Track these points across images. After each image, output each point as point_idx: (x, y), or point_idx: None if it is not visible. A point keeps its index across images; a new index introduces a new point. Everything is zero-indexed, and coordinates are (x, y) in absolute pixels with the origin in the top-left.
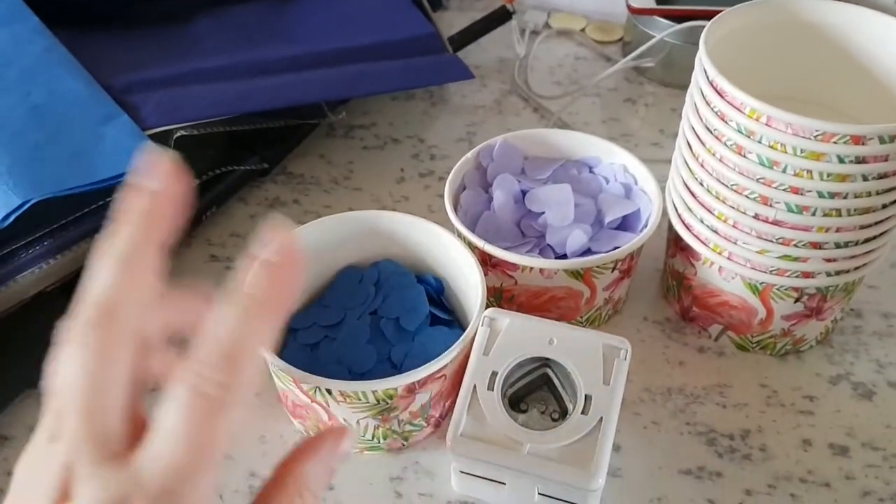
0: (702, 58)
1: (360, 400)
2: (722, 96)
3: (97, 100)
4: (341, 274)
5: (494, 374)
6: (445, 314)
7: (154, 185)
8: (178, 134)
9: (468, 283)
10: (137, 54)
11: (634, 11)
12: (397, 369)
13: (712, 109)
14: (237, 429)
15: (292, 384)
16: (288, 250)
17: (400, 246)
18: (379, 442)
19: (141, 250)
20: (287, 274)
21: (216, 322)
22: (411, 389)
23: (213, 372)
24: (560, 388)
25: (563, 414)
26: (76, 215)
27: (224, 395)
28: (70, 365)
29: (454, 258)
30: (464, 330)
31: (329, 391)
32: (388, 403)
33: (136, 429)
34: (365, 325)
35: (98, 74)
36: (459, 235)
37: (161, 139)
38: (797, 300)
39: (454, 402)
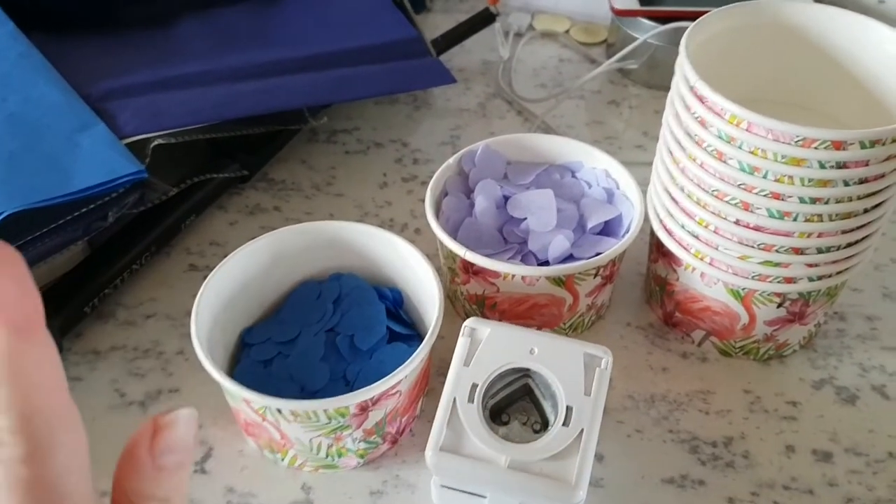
0: (682, 63)
1: (311, 419)
2: (702, 102)
3: (74, 108)
4: (299, 288)
5: (475, 386)
6: (404, 328)
7: None
8: (156, 142)
9: (428, 295)
10: (116, 60)
11: (618, 13)
12: (350, 387)
13: (693, 115)
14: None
15: (243, 403)
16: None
17: (359, 257)
18: (334, 460)
19: None
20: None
21: None
22: (364, 407)
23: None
24: (541, 399)
25: (545, 425)
26: (50, 227)
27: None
28: None
29: (414, 269)
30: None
31: (279, 410)
32: (340, 422)
33: None
34: (320, 342)
35: (75, 81)
36: (441, 243)
37: (138, 148)
38: (780, 305)
39: (412, 417)
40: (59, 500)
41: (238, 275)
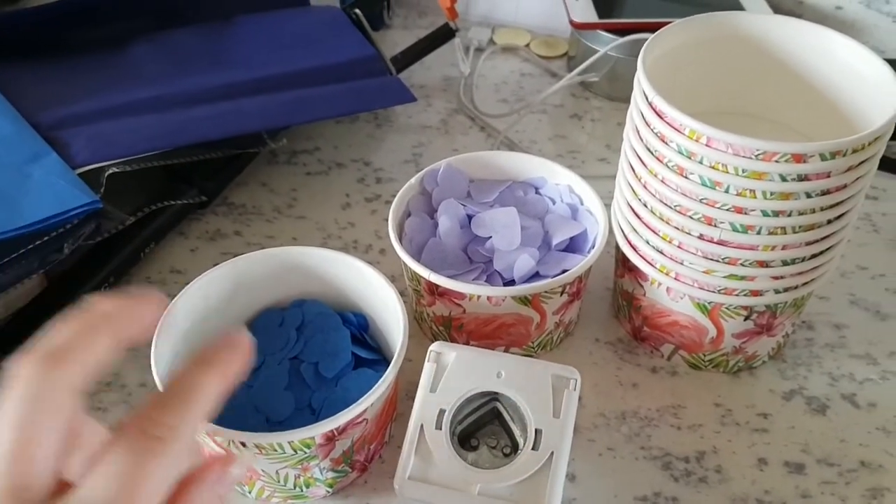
0: (640, 79)
1: (276, 451)
2: (661, 117)
3: (23, 137)
4: (261, 316)
5: (442, 411)
6: (370, 353)
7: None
8: (111, 171)
9: (393, 319)
10: (66, 86)
11: (577, 26)
12: (317, 416)
13: (652, 131)
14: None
15: (206, 436)
16: (240, 338)
17: (322, 282)
18: (302, 491)
19: (108, 323)
20: (237, 351)
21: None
22: (330, 437)
23: (159, 412)
24: (510, 423)
25: (515, 448)
26: (4, 260)
27: (167, 439)
28: (8, 411)
29: (378, 293)
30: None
31: (243, 444)
32: (306, 452)
33: (60, 488)
34: (284, 371)
35: (24, 109)
36: (405, 265)
37: (92, 177)
38: (747, 318)
39: (381, 444)
40: None
41: (198, 304)
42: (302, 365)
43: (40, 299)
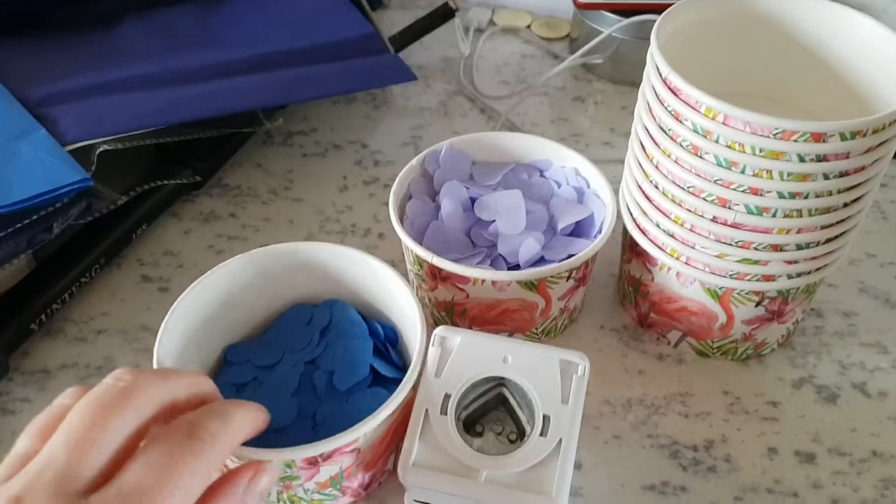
0: (654, 54)
1: None
2: (676, 94)
3: (11, 113)
4: (291, 309)
5: (447, 396)
6: (391, 370)
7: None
8: (102, 149)
9: (412, 335)
10: (56, 62)
11: (581, 6)
12: (316, 430)
13: (666, 108)
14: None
15: None
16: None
17: (350, 284)
18: None
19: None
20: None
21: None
22: (312, 462)
23: (204, 420)
24: (517, 409)
25: (521, 435)
26: None
27: (207, 442)
28: (92, 399)
29: (402, 308)
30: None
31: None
32: (287, 472)
33: (104, 481)
34: (296, 375)
35: (12, 85)
36: (407, 248)
37: (83, 154)
38: (758, 304)
39: (382, 471)
40: None
41: (219, 291)
42: (316, 372)
43: (29, 281)
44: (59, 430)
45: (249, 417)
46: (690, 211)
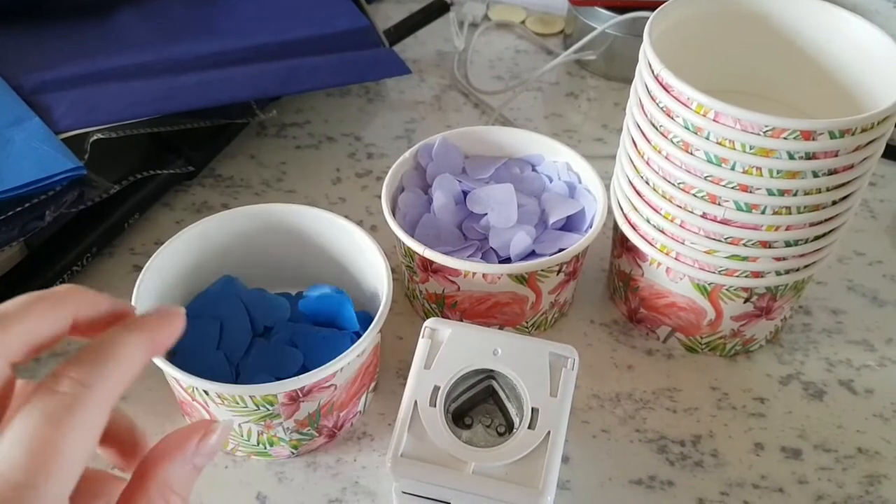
0: (646, 50)
1: (238, 404)
2: (668, 91)
3: (5, 101)
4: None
5: (436, 388)
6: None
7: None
8: (95, 137)
9: (378, 284)
10: (50, 50)
11: (575, 2)
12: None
13: (658, 105)
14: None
15: (173, 380)
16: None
17: (318, 243)
18: (266, 448)
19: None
20: (166, 318)
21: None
22: (294, 397)
23: (68, 370)
24: (506, 401)
25: (510, 428)
26: None
27: (78, 395)
28: None
29: (367, 258)
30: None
31: (206, 392)
32: (269, 410)
33: None
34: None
35: (6, 72)
36: (398, 240)
37: (76, 143)
38: (747, 300)
39: (353, 412)
40: None
41: (191, 252)
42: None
43: (20, 268)
44: None
45: (137, 344)
46: (680, 207)
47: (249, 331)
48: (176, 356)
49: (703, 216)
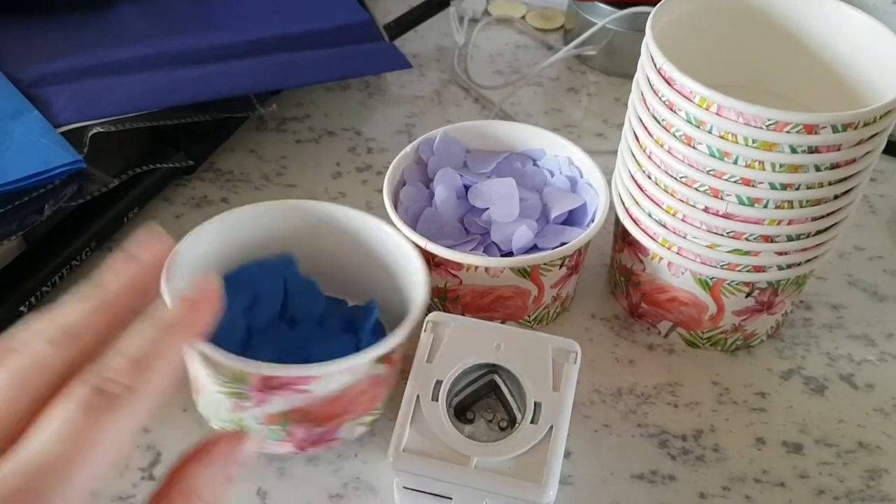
0: (648, 44)
1: (214, 368)
2: (670, 84)
3: (3, 94)
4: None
5: (439, 382)
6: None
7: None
8: (95, 131)
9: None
10: (50, 43)
11: None
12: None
13: (660, 98)
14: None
15: None
16: (209, 289)
17: (356, 245)
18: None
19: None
20: (205, 308)
21: (129, 336)
22: (265, 385)
23: (117, 374)
24: (508, 396)
25: (512, 422)
26: None
27: (123, 398)
28: None
29: (408, 271)
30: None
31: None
32: (240, 388)
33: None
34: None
35: (5, 65)
36: (400, 234)
37: (75, 136)
38: (748, 295)
39: (329, 433)
40: None
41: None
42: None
43: (18, 263)
44: None
45: (180, 350)
46: (682, 201)
47: (277, 314)
48: None
49: (706, 210)
